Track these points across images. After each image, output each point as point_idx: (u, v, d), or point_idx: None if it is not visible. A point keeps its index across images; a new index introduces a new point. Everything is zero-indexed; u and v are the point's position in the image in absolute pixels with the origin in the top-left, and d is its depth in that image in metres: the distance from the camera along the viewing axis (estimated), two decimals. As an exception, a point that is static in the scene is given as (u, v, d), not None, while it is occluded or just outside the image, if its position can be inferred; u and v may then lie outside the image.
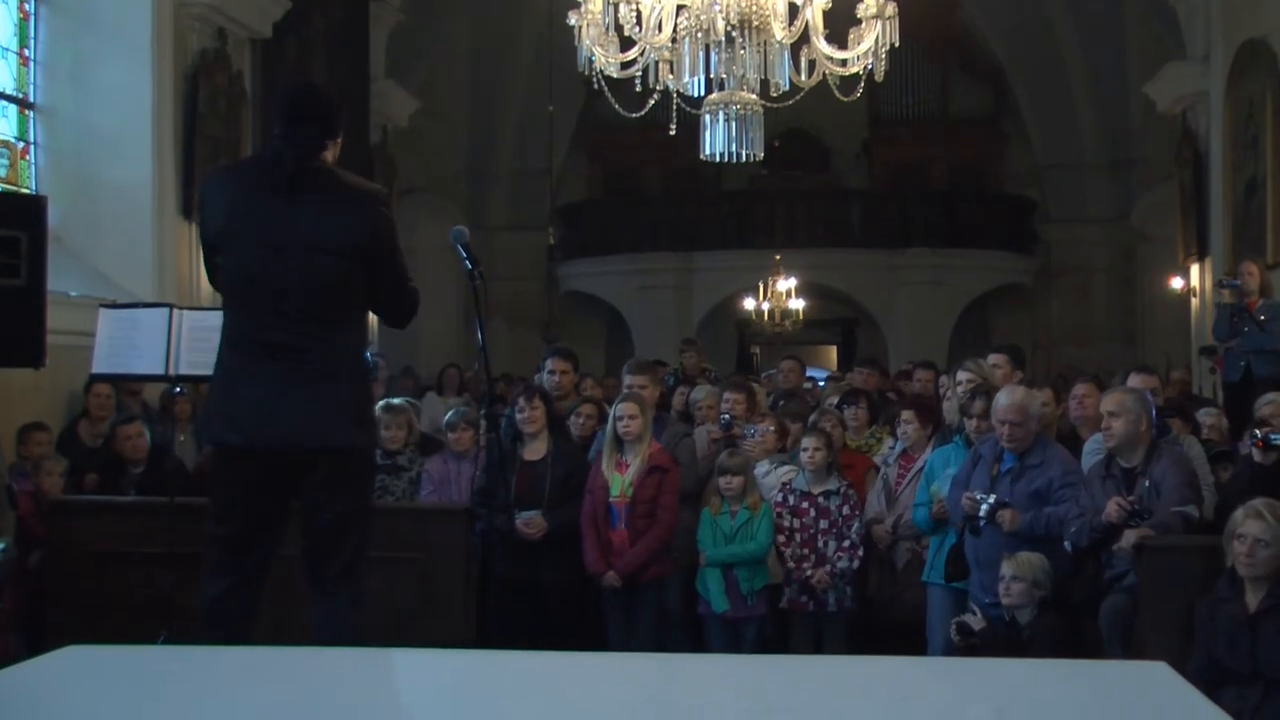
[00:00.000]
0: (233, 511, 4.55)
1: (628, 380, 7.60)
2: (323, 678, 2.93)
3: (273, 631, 4.56)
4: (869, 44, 7.34)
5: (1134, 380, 7.29)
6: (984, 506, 6.19)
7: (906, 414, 7.50)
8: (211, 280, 4.81)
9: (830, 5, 7.27)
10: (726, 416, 7.77)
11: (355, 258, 4.48)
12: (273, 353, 4.49)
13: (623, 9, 7.19)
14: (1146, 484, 5.96)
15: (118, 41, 10.65)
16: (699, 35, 7.23)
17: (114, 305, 7.21)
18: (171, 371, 6.66)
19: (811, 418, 7.97)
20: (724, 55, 7.31)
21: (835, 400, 8.94)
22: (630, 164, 24.33)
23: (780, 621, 7.08)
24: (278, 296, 4.46)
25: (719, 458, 7.21)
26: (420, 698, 2.78)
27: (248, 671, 2.98)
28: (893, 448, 7.71)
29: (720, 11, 6.97)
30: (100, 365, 6.83)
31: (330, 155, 4.66)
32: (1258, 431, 6.25)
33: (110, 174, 10.65)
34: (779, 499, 7.08)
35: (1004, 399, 6.38)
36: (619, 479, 6.88)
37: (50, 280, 6.37)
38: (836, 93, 7.84)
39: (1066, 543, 6.07)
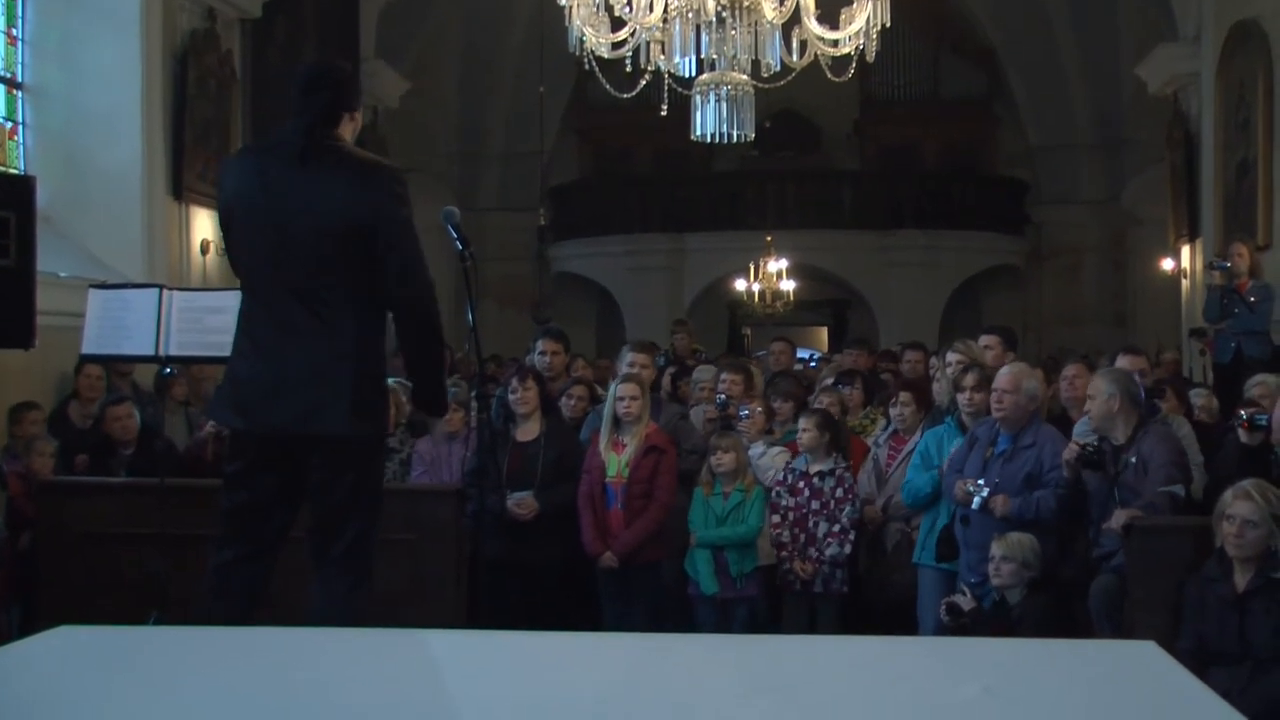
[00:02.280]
0: (240, 486, 4.56)
1: (630, 358, 7.59)
2: (311, 658, 2.93)
3: (280, 613, 4.55)
4: (860, 24, 7.34)
5: (1122, 361, 7.30)
6: (976, 500, 6.21)
7: (904, 396, 7.50)
8: (230, 260, 4.81)
9: (821, -15, 7.27)
10: (722, 397, 7.79)
11: (361, 237, 4.42)
12: (275, 334, 4.47)
13: (613, -11, 7.18)
14: (1133, 460, 5.98)
15: (106, 21, 10.61)
16: (690, 15, 7.22)
17: (103, 286, 7.18)
18: (162, 352, 6.63)
19: (813, 396, 7.99)
20: (715, 35, 7.30)
21: (831, 380, 8.94)
22: (621, 145, 24.30)
23: (773, 602, 7.09)
24: (280, 275, 4.43)
25: (711, 437, 7.22)
26: (409, 677, 2.78)
27: (238, 651, 2.98)
28: (885, 428, 7.72)
29: (711, -9, 6.97)
30: (90, 346, 6.80)
31: (348, 131, 4.63)
32: (1243, 413, 6.27)
33: (99, 154, 10.63)
34: (779, 478, 7.08)
35: (1002, 372, 6.44)
36: (615, 459, 6.88)
37: (39, 261, 6.35)
38: (828, 73, 7.83)
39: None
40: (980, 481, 6.25)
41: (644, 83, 7.89)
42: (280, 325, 4.46)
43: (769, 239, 21.13)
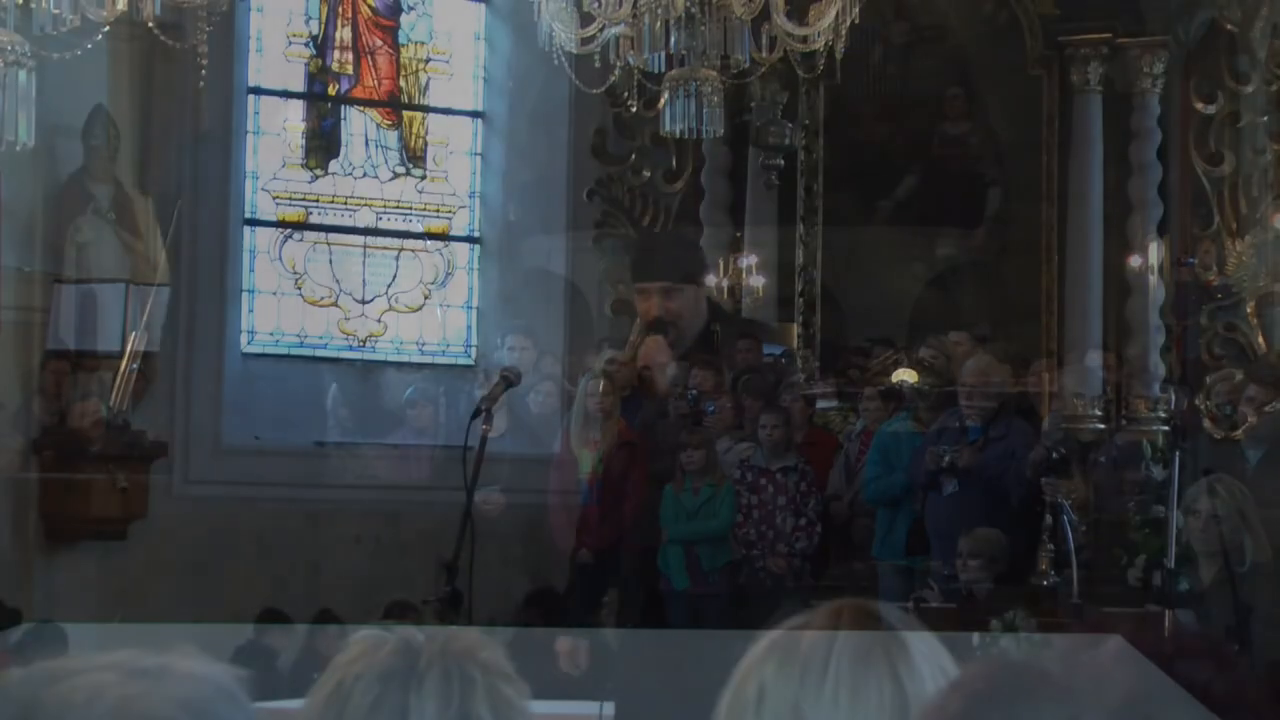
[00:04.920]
0: None
1: (608, 354, 7.58)
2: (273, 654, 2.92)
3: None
4: (829, 20, 7.34)
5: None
6: (947, 458, 6.23)
7: (869, 390, 7.53)
8: None
9: (790, -20, 7.27)
10: (693, 393, 7.78)
11: None
12: None
13: (582, -18, 7.16)
14: (1102, 459, 6.00)
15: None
16: (659, 11, 7.21)
17: (71, 281, 7.12)
18: (129, 348, 6.59)
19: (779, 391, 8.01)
20: (684, 31, 7.29)
21: (803, 377, 8.93)
22: (590, 140, 24.16)
23: (738, 596, 7.09)
24: None
25: (681, 434, 7.21)
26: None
27: (203, 650, 2.96)
28: (854, 424, 7.73)
29: (680, -14, 6.96)
30: (56, 341, 6.75)
31: None
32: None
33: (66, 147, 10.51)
34: (736, 475, 7.08)
35: (970, 364, 6.46)
36: (589, 456, 6.87)
37: (4, 255, 6.31)
38: (797, 69, 7.84)
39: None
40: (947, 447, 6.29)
41: (613, 79, 7.87)
42: None
43: (738, 235, 21.08)
